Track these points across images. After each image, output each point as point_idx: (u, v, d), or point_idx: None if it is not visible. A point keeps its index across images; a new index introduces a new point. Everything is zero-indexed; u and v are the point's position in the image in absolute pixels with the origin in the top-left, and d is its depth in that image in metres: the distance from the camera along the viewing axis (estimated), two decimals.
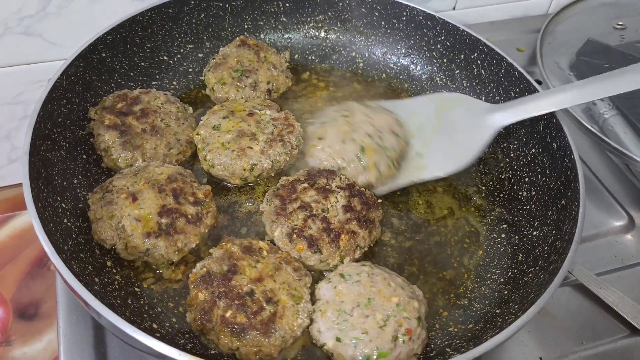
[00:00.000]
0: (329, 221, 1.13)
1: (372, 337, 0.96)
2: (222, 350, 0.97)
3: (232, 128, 1.25)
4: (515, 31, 1.94)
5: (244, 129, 1.25)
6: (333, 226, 1.12)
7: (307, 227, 1.12)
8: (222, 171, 1.22)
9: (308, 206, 1.14)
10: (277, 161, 1.23)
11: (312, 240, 1.10)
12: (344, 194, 1.17)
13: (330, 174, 1.21)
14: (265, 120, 1.28)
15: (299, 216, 1.13)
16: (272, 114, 1.30)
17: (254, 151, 1.22)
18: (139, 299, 1.04)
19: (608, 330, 1.22)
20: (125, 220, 1.07)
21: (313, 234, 1.11)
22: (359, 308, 1.00)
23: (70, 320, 1.11)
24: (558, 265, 1.01)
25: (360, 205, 1.17)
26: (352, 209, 1.15)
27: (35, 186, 1.00)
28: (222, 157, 1.21)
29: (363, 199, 1.18)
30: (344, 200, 1.16)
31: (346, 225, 1.13)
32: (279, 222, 1.14)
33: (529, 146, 1.31)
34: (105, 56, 1.30)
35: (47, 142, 1.10)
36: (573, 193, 1.12)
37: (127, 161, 1.20)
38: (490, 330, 1.01)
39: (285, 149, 1.24)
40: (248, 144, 1.23)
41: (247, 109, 1.30)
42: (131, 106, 1.25)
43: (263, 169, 1.22)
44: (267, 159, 1.22)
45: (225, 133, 1.24)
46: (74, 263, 0.98)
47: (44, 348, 1.53)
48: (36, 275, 1.62)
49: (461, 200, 1.31)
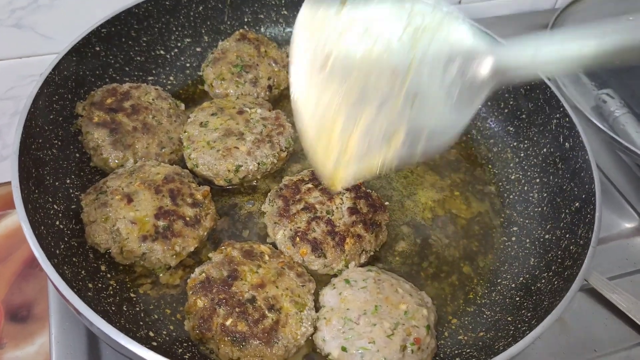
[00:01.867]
0: (333, 224, 1.08)
1: (379, 346, 0.92)
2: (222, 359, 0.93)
3: (220, 126, 1.20)
4: (522, 26, 1.89)
5: (232, 128, 1.20)
6: (338, 229, 1.08)
7: (310, 229, 1.07)
8: (206, 171, 1.16)
9: (312, 208, 1.10)
10: (263, 163, 1.17)
11: (315, 243, 1.06)
12: (350, 196, 1.12)
13: None
14: (255, 120, 1.23)
15: (303, 218, 1.09)
16: (262, 113, 1.24)
17: (239, 152, 1.16)
18: (134, 305, 1.00)
19: (621, 338, 1.18)
20: (120, 222, 1.02)
21: (317, 237, 1.06)
22: (366, 316, 0.95)
23: (62, 327, 1.06)
24: (574, 271, 0.97)
25: (366, 208, 1.12)
26: (358, 211, 1.10)
27: (25, 187, 0.95)
28: (206, 157, 1.15)
29: (369, 201, 1.14)
30: (350, 202, 1.11)
31: (351, 228, 1.08)
32: (281, 224, 1.09)
33: (540, 145, 1.27)
34: (100, 50, 1.24)
35: (38, 140, 1.05)
36: (588, 195, 1.08)
37: (118, 161, 1.15)
38: (503, 339, 0.97)
39: (273, 150, 1.19)
40: (234, 144, 1.17)
41: (237, 106, 1.25)
42: (121, 102, 1.20)
43: (248, 170, 1.16)
44: (253, 160, 1.16)
45: (212, 131, 1.19)
46: (66, 268, 0.93)
47: (36, 351, 1.49)
48: (28, 276, 1.58)
49: (469, 203, 1.26)
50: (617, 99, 1.52)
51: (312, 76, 0.85)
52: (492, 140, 1.37)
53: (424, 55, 0.86)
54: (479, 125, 1.40)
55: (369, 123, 0.85)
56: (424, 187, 1.27)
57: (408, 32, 0.87)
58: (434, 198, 1.26)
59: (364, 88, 0.84)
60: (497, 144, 1.36)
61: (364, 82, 0.84)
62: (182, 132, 1.22)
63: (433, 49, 0.86)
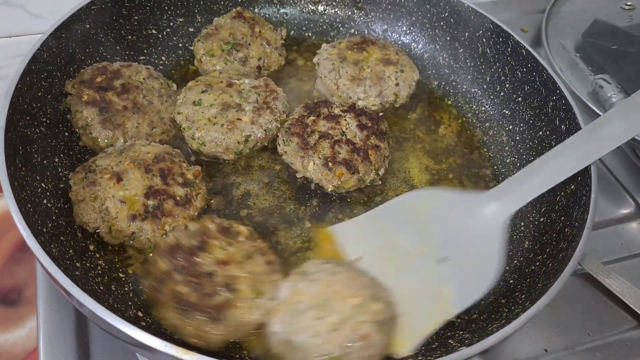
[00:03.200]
0: (353, 142, 1.16)
1: (323, 340, 0.87)
2: (166, 327, 0.91)
3: (215, 101, 1.19)
4: (518, 11, 1.88)
5: (228, 101, 1.19)
6: (358, 145, 1.16)
7: (336, 153, 1.14)
8: (214, 148, 1.15)
9: (327, 134, 1.17)
10: (269, 129, 1.19)
11: (347, 163, 1.13)
12: (352, 115, 1.20)
13: (327, 102, 1.24)
14: (247, 90, 1.22)
15: (325, 145, 1.15)
16: (251, 82, 1.24)
17: (244, 122, 1.17)
18: (123, 285, 0.98)
19: (615, 322, 1.17)
20: (109, 202, 1.00)
21: (346, 157, 1.14)
22: (313, 309, 0.90)
23: (50, 307, 1.05)
24: (568, 253, 0.96)
25: (370, 122, 1.20)
26: (365, 126, 1.19)
27: (11, 164, 0.93)
28: (213, 133, 1.15)
29: (368, 115, 1.22)
30: (355, 121, 1.19)
31: (368, 141, 1.18)
32: (307, 156, 1.15)
33: (536, 129, 1.25)
34: (89, 28, 1.22)
35: (25, 117, 1.03)
36: (584, 177, 1.06)
37: (108, 140, 1.13)
38: (496, 321, 0.95)
39: (274, 115, 1.20)
40: (236, 116, 1.17)
41: (224, 80, 1.24)
42: (111, 81, 1.18)
43: (257, 139, 1.18)
44: (260, 128, 1.17)
45: (209, 108, 1.18)
46: (54, 247, 0.91)
47: (26, 335, 1.48)
48: (19, 260, 1.56)
49: (464, 186, 1.25)
50: (614, 84, 1.51)
51: None
52: (487, 124, 1.36)
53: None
54: (475, 109, 1.38)
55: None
56: (421, 170, 1.25)
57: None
58: (428, 181, 1.24)
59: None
60: (492, 127, 1.35)
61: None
62: (176, 114, 1.20)
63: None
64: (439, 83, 1.44)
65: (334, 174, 1.13)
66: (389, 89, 1.32)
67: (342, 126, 1.19)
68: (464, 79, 1.42)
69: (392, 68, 1.33)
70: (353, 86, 1.30)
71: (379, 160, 1.18)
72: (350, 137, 1.17)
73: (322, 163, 1.14)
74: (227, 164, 1.19)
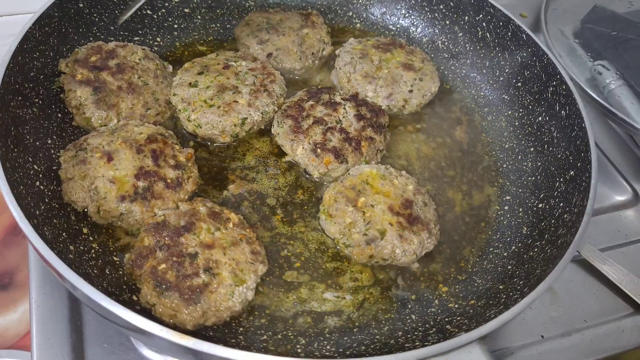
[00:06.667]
0: (346, 131, 1.14)
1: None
2: (141, 302, 0.90)
3: (211, 83, 1.18)
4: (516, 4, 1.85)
5: (224, 83, 1.18)
6: (352, 135, 1.14)
7: (327, 140, 1.12)
8: (210, 130, 1.14)
9: (322, 120, 1.15)
10: (266, 112, 1.18)
11: (336, 151, 1.12)
12: (352, 105, 1.19)
13: (330, 90, 1.23)
14: (244, 72, 1.21)
15: (317, 131, 1.14)
16: (248, 64, 1.23)
17: (240, 105, 1.15)
18: (117, 269, 0.97)
19: (612, 308, 1.18)
20: (98, 181, 0.99)
21: (336, 145, 1.12)
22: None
23: (43, 291, 1.03)
24: (568, 239, 0.95)
25: (369, 113, 1.18)
26: (363, 116, 1.17)
27: (3, 144, 0.91)
28: (209, 115, 1.13)
29: (369, 106, 1.20)
30: (354, 110, 1.18)
31: (362, 132, 1.14)
32: (298, 140, 1.13)
33: (535, 114, 1.24)
34: (83, 7, 1.20)
35: (17, 97, 1.01)
36: (584, 163, 1.06)
37: (101, 120, 1.11)
38: (494, 307, 0.95)
39: (271, 98, 1.19)
40: (232, 98, 1.15)
41: (220, 62, 1.22)
42: (106, 60, 1.16)
43: (254, 122, 1.16)
44: (257, 111, 1.16)
45: (205, 89, 1.16)
46: (47, 229, 0.90)
47: (19, 319, 1.46)
48: (11, 243, 1.55)
49: (462, 170, 1.24)
50: (613, 71, 1.50)
51: None
52: (486, 109, 1.35)
53: None
54: (474, 94, 1.37)
55: None
56: (418, 159, 1.24)
57: None
58: (426, 178, 1.23)
59: None
60: (491, 112, 1.33)
61: None
62: (172, 96, 1.18)
63: None
64: (437, 67, 1.42)
65: (321, 161, 1.12)
66: (401, 93, 1.27)
67: (339, 114, 1.17)
68: (463, 64, 1.41)
69: (411, 74, 1.29)
70: (364, 83, 1.27)
71: (370, 153, 1.16)
72: (345, 126, 1.16)
73: (311, 148, 1.13)
74: (223, 146, 1.18)
